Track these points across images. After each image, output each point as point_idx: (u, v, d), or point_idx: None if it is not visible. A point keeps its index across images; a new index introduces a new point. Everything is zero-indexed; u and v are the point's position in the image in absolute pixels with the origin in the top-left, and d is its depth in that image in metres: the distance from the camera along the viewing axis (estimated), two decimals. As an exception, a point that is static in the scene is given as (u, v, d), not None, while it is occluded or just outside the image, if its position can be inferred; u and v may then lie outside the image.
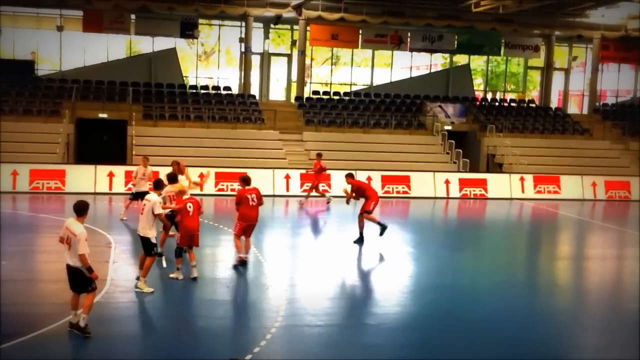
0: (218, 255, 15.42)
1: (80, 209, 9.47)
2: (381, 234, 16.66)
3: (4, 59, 32.20)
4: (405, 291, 13.29)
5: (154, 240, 11.82)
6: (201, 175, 14.54)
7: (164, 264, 13.61)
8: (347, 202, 17.56)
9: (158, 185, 12.37)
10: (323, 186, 24.64)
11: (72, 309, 9.62)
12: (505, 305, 12.30)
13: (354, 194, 17.00)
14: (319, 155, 23.84)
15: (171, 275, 12.71)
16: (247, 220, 13.76)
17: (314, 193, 23.90)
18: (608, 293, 14.00)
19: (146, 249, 11.83)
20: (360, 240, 16.66)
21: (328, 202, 23.52)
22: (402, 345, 10.11)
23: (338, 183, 22.81)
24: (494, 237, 20.78)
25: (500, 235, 20.95)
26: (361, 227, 16.72)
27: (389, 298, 12.44)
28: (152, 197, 11.87)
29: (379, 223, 16.73)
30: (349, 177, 17.34)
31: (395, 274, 14.39)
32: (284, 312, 11.08)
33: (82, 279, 9.39)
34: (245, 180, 13.97)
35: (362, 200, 16.94)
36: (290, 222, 21.45)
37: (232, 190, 24.42)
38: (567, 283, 15.16)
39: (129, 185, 21.40)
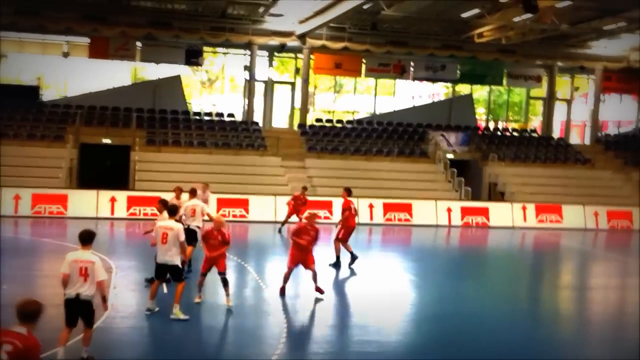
0: (219, 281, 15.34)
1: (85, 238, 9.27)
2: (332, 265, 16.94)
3: (9, 84, 32.45)
4: (407, 320, 13.22)
5: (181, 266, 11.84)
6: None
7: (165, 290, 13.53)
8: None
9: (174, 212, 12.37)
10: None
11: (61, 344, 9.23)
12: (506, 336, 12.19)
13: (345, 212, 17.31)
14: (305, 189, 22.92)
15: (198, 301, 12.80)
16: None
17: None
18: (610, 323, 13.89)
19: (175, 276, 11.82)
20: (351, 259, 17.11)
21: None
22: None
23: (339, 211, 22.66)
24: (495, 266, 20.69)
25: (502, 265, 20.85)
26: (348, 250, 17.14)
27: (390, 326, 12.35)
28: (174, 224, 11.85)
29: (337, 257, 17.03)
30: (347, 191, 17.65)
31: (396, 302, 14.30)
32: (284, 340, 11.00)
33: (90, 313, 9.19)
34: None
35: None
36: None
37: (234, 216, 24.52)
38: (569, 313, 15.05)
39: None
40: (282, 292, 13.76)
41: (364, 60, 34.65)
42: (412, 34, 32.65)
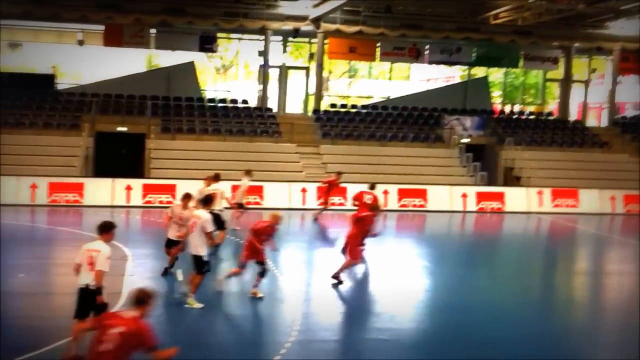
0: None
1: (100, 228, 9.24)
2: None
3: (25, 73, 32.62)
4: (421, 307, 13.22)
5: (206, 258, 11.92)
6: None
7: (181, 277, 13.63)
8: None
9: (207, 202, 12.44)
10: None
11: (74, 340, 9.06)
12: (522, 325, 12.15)
13: (355, 202, 17.46)
14: (339, 174, 23.11)
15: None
16: None
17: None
18: (625, 311, 13.78)
19: (198, 266, 11.90)
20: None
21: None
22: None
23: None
24: (510, 253, 20.56)
25: (517, 252, 20.68)
26: None
27: (404, 313, 12.36)
28: (202, 214, 11.95)
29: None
30: (371, 188, 17.97)
31: (411, 289, 14.29)
32: (298, 327, 11.04)
33: (98, 304, 9.12)
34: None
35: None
36: (307, 236, 21.42)
37: (248, 203, 24.51)
38: (584, 301, 14.96)
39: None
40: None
41: (378, 44, 34.39)
42: (427, 17, 32.32)
